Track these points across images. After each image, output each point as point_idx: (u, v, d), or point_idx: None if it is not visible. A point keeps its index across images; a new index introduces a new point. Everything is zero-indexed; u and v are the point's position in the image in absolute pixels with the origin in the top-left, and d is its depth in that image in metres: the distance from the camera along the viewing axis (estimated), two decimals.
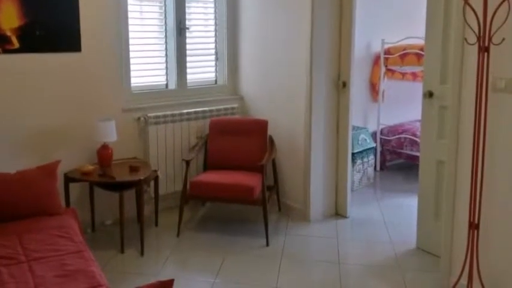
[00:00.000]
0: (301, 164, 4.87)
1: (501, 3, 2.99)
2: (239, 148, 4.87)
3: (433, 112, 4.04)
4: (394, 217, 4.99)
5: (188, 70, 5.23)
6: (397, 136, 6.30)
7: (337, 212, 5.03)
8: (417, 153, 5.27)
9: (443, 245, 3.67)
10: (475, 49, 3.19)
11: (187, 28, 5.16)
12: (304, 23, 4.65)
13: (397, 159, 6.58)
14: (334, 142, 4.93)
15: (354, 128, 5.48)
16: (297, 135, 4.87)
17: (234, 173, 4.66)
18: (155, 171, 4.62)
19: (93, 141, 4.42)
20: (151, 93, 5.03)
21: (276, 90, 5.08)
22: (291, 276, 3.88)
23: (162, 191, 4.85)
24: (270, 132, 4.94)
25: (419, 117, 4.26)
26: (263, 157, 4.66)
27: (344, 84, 4.79)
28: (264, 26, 5.16)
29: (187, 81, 5.25)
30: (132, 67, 4.81)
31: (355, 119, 5.43)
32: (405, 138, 6.22)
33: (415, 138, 6.03)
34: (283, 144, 5.00)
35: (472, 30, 3.15)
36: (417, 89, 4.95)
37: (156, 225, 4.74)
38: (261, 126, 4.91)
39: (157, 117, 4.87)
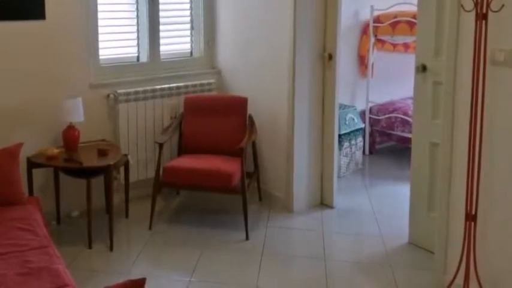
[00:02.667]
0: (283, 147, 4.86)
1: None
2: (216, 129, 4.85)
3: (427, 88, 4.00)
4: (384, 207, 4.99)
5: (161, 41, 5.18)
6: (387, 115, 6.24)
7: (323, 202, 5.02)
8: (409, 135, 5.27)
9: (437, 239, 3.68)
10: (472, 17, 3.14)
11: None
12: None
13: (387, 142, 6.57)
14: (319, 122, 4.91)
15: (340, 106, 5.44)
16: (279, 114, 4.86)
17: (211, 157, 4.63)
18: (125, 155, 4.58)
19: (58, 121, 4.37)
20: (122, 67, 4.98)
21: (257, 64, 5.05)
22: (272, 273, 3.90)
23: (133, 177, 4.80)
24: (250, 110, 4.91)
25: (412, 94, 4.23)
26: (242, 139, 4.63)
27: (330, 57, 4.76)
28: None
29: (161, 53, 5.20)
30: (100, 37, 4.75)
31: (342, 96, 5.37)
32: (396, 117, 6.17)
33: (407, 118, 5.97)
34: (265, 124, 4.98)
35: None
36: (409, 61, 4.94)
37: (127, 216, 4.72)
38: (241, 104, 4.89)
39: (128, 93, 4.83)
